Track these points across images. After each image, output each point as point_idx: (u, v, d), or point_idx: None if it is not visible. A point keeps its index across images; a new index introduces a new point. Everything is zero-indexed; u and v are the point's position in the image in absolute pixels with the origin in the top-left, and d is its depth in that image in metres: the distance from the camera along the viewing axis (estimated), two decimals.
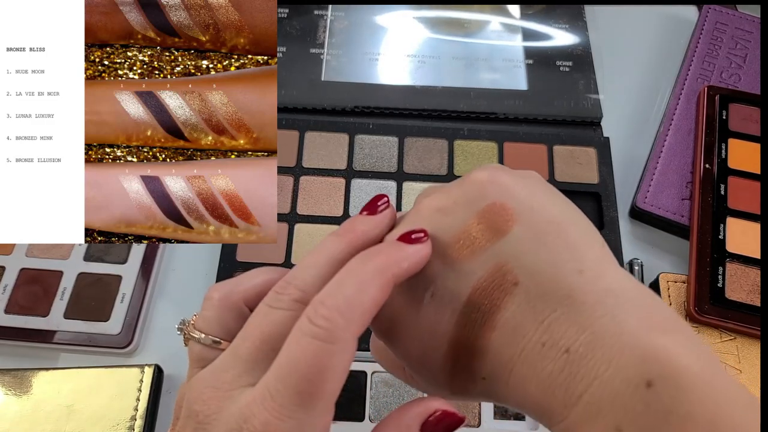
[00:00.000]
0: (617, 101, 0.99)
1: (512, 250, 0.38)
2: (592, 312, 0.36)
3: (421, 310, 0.39)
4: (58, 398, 0.74)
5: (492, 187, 0.41)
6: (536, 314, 0.37)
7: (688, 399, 0.32)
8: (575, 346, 0.35)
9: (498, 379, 0.38)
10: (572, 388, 0.35)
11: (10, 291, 0.81)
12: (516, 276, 0.37)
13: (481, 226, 0.39)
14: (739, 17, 1.04)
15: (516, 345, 0.37)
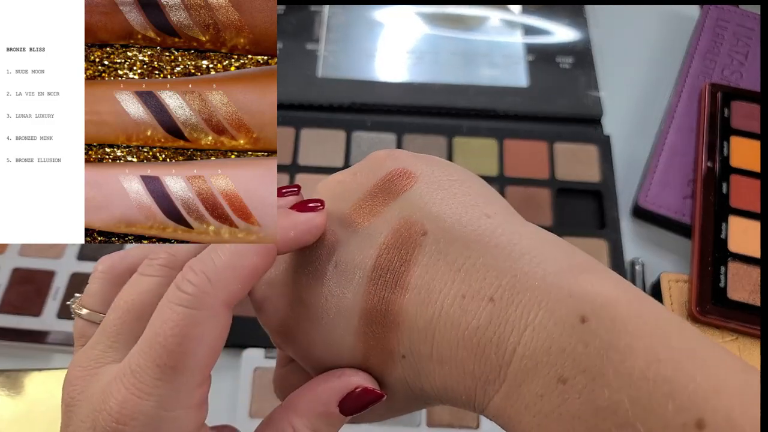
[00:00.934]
0: (618, 98, 0.99)
1: (416, 202, 0.37)
2: (509, 255, 0.35)
3: (325, 284, 0.38)
4: (52, 399, 0.73)
5: (391, 159, 0.41)
6: (450, 263, 0.35)
7: (625, 330, 0.31)
8: (499, 293, 0.34)
9: (420, 354, 0.36)
10: (504, 341, 0.33)
11: (3, 291, 0.81)
12: (423, 225, 0.36)
13: (383, 189, 0.39)
14: (741, 14, 1.03)
15: (433, 303, 0.35)
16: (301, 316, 0.39)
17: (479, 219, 0.36)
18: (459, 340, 0.34)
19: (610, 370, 0.31)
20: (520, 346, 0.33)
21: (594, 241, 0.84)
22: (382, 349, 0.37)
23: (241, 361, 0.77)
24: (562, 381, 0.32)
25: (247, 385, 0.75)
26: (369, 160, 0.42)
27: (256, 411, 0.75)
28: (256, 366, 0.76)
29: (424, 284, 0.35)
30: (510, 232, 0.36)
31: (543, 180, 0.88)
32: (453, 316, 0.34)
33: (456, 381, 0.35)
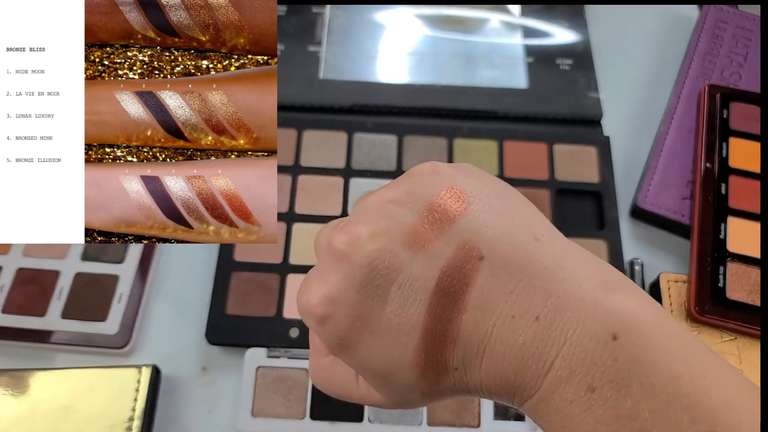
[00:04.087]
0: (618, 100, 0.99)
1: (472, 226, 0.38)
2: (554, 276, 0.37)
3: (389, 304, 0.39)
4: (56, 399, 0.73)
5: (438, 176, 0.41)
6: (503, 286, 0.37)
7: (651, 347, 0.35)
8: (544, 312, 0.36)
9: (471, 366, 0.38)
10: (544, 355, 0.36)
11: (7, 291, 0.81)
12: (480, 250, 0.38)
13: (439, 210, 0.39)
14: (740, 15, 1.03)
15: (487, 323, 0.37)
16: (364, 332, 0.40)
17: (529, 242, 0.39)
18: (506, 354, 0.37)
19: (635, 382, 0.34)
20: (558, 359, 0.36)
21: (593, 241, 0.84)
22: (438, 362, 0.39)
23: (244, 360, 0.77)
24: (590, 390, 0.35)
25: (250, 385, 0.76)
26: (417, 177, 0.42)
27: (258, 410, 0.75)
28: (258, 365, 0.77)
29: (479, 306, 0.37)
30: (555, 254, 0.39)
31: (543, 181, 0.89)
32: (503, 334, 0.37)
33: (498, 387, 0.38)
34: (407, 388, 0.41)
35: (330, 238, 0.41)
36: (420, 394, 0.41)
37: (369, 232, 0.39)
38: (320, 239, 0.45)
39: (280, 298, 0.81)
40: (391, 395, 0.43)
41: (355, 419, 0.75)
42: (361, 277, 0.39)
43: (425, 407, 0.75)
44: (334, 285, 0.40)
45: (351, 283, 0.39)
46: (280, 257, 0.83)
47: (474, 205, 0.39)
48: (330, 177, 0.89)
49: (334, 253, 0.40)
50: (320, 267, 0.42)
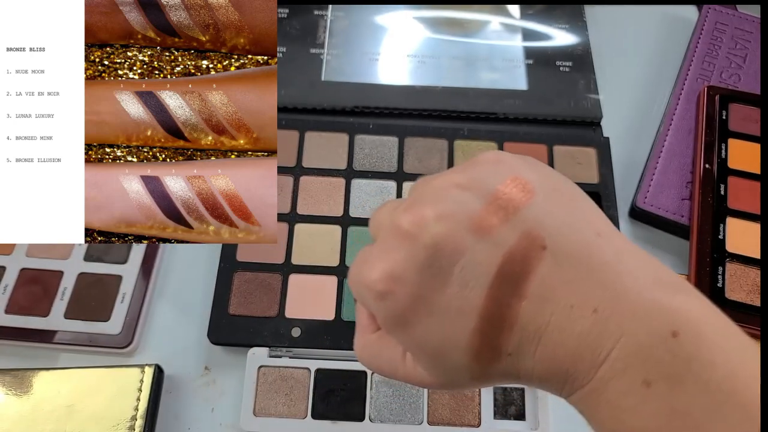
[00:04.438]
0: (617, 101, 0.99)
1: (536, 216, 0.39)
2: (614, 271, 0.38)
3: (450, 285, 0.39)
4: (59, 398, 0.74)
5: (503, 165, 0.42)
6: (563, 276, 0.38)
7: (708, 346, 0.35)
8: (602, 305, 0.37)
9: (525, 352, 0.39)
10: (600, 346, 0.37)
11: (11, 291, 0.81)
12: (543, 240, 0.38)
13: (504, 198, 0.40)
14: (739, 17, 1.04)
15: (545, 311, 0.38)
16: (423, 312, 0.41)
17: (591, 236, 0.39)
18: (562, 343, 0.38)
19: (691, 379, 0.35)
20: (614, 351, 0.36)
21: None
22: (493, 347, 0.40)
23: (246, 360, 0.77)
24: (646, 384, 0.35)
25: (252, 384, 0.76)
26: (481, 165, 0.43)
27: (260, 409, 0.75)
28: (260, 365, 0.77)
29: (539, 294, 0.38)
30: (616, 250, 0.39)
31: None
32: (560, 323, 0.38)
33: (550, 375, 0.39)
34: (458, 369, 0.42)
35: (394, 217, 0.42)
36: (469, 376, 0.42)
37: (435, 214, 0.40)
38: (381, 217, 0.45)
39: (282, 298, 0.81)
40: (440, 375, 0.44)
41: (357, 418, 0.75)
42: (426, 257, 0.40)
43: (425, 408, 0.76)
44: (398, 262, 0.41)
45: (414, 262, 0.40)
46: (282, 257, 0.84)
47: (538, 196, 0.40)
48: (332, 178, 0.89)
49: (399, 231, 0.41)
50: (382, 244, 0.43)
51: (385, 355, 0.47)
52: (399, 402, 0.76)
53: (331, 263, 0.84)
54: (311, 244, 0.85)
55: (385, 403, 0.76)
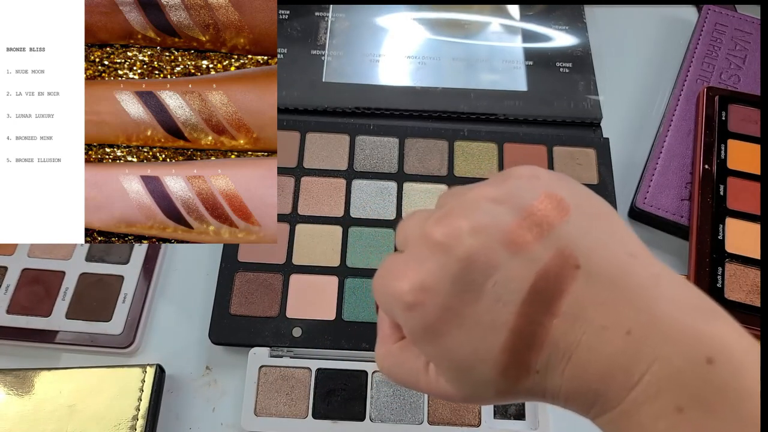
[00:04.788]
0: (617, 102, 0.99)
1: (570, 235, 0.39)
2: (649, 294, 0.37)
3: (482, 300, 0.39)
4: (60, 398, 0.74)
5: (538, 180, 0.42)
6: (596, 296, 0.37)
7: (743, 375, 0.34)
8: (636, 327, 0.36)
9: (553, 370, 0.38)
10: (633, 368, 0.36)
11: (12, 291, 0.82)
12: (576, 259, 0.38)
13: (539, 214, 0.39)
14: (739, 18, 1.04)
15: (577, 330, 0.37)
16: (452, 324, 0.40)
17: (625, 257, 0.39)
18: (592, 362, 0.37)
19: (725, 406, 0.34)
20: (648, 375, 0.36)
21: None
22: (521, 363, 0.39)
23: (247, 359, 0.77)
24: (678, 410, 0.35)
25: (253, 384, 0.76)
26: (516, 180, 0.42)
27: (261, 409, 0.75)
28: (261, 364, 0.77)
29: (571, 312, 0.38)
30: (650, 274, 0.39)
31: None
32: (592, 343, 0.37)
33: (578, 394, 0.39)
34: (484, 384, 0.41)
35: (426, 228, 0.41)
36: (495, 391, 0.41)
37: (470, 227, 0.39)
38: (410, 227, 0.45)
39: (283, 298, 0.81)
40: (464, 389, 0.43)
41: (357, 418, 0.75)
42: (458, 270, 0.39)
43: (425, 408, 0.76)
44: (429, 274, 0.40)
45: (447, 274, 0.39)
46: (283, 258, 0.84)
47: (574, 216, 0.39)
48: (333, 179, 0.90)
49: (431, 242, 0.41)
50: (412, 254, 0.42)
51: (408, 365, 0.47)
52: (399, 402, 0.76)
53: (331, 263, 0.84)
54: (312, 245, 0.85)
55: (386, 403, 0.76)
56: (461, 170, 0.90)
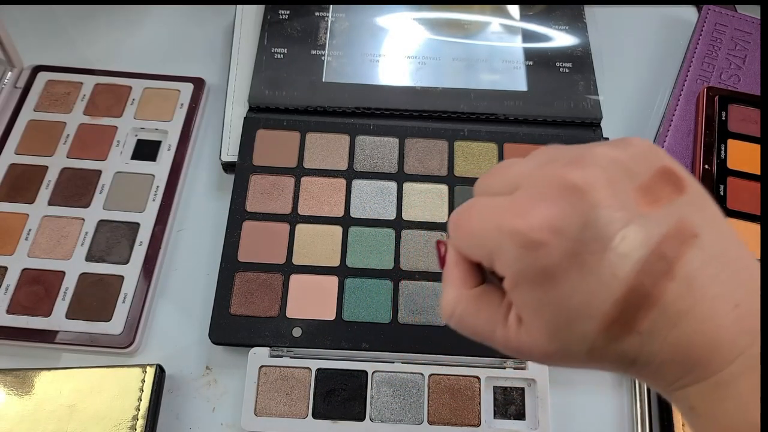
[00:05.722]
0: (617, 102, 0.99)
1: (691, 204, 0.39)
2: (754, 274, 0.38)
3: (608, 252, 0.38)
4: (60, 398, 0.74)
5: (659, 152, 0.42)
6: (710, 267, 0.38)
7: None
8: (745, 302, 0.37)
9: (656, 334, 0.39)
10: (738, 340, 0.37)
11: (12, 291, 0.82)
12: (695, 229, 0.38)
13: (667, 180, 0.40)
14: (739, 18, 1.04)
15: (689, 296, 0.38)
16: (571, 271, 0.39)
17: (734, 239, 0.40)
18: (699, 331, 0.38)
19: None
20: (753, 348, 0.37)
21: None
22: (627, 322, 0.39)
23: (247, 359, 0.77)
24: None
25: (253, 384, 0.76)
26: (638, 147, 0.42)
27: (261, 409, 0.76)
28: (261, 364, 0.77)
29: (686, 279, 0.38)
30: (753, 256, 0.39)
31: None
32: (702, 312, 0.37)
33: (675, 361, 0.39)
34: (581, 339, 0.41)
35: (563, 170, 0.40)
36: (588, 349, 0.41)
37: (606, 179, 0.39)
38: (527, 168, 0.44)
39: (283, 298, 0.82)
40: (557, 343, 0.42)
41: (357, 418, 0.76)
42: (593, 216, 0.38)
43: (425, 408, 0.76)
44: (561, 214, 0.39)
45: (580, 218, 0.39)
46: (283, 258, 0.84)
47: (691, 192, 0.40)
48: (333, 179, 0.90)
49: (568, 185, 0.40)
50: (536, 194, 0.41)
51: (484, 314, 0.46)
52: (399, 402, 0.76)
53: (331, 263, 0.84)
54: (312, 245, 0.85)
55: (386, 403, 0.76)
56: (461, 170, 0.90)
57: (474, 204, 0.45)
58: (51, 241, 0.85)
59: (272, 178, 0.89)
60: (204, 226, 0.90)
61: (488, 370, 0.78)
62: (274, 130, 0.92)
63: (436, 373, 0.77)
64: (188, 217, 0.91)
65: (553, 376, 0.77)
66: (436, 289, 0.83)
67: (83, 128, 0.94)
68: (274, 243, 0.85)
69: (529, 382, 0.77)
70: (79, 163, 0.91)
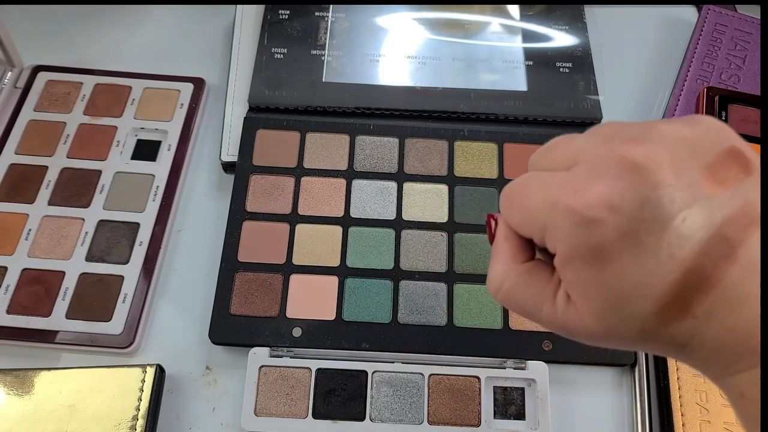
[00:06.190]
0: (617, 102, 0.99)
1: (753, 191, 0.38)
2: None
3: (668, 231, 0.38)
4: (60, 398, 0.74)
5: (729, 133, 0.41)
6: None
7: None
8: None
9: (713, 318, 0.38)
10: None
11: (12, 291, 0.82)
12: (757, 215, 0.37)
13: (732, 161, 0.39)
14: (739, 18, 1.04)
15: (750, 282, 0.37)
16: (627, 250, 0.39)
17: None
18: (756, 318, 0.37)
19: None
20: None
21: None
22: (683, 304, 0.38)
23: (247, 359, 0.77)
24: None
25: (253, 384, 0.76)
26: (706, 126, 0.41)
27: (261, 409, 0.76)
28: (261, 364, 0.77)
29: (748, 264, 0.37)
30: None
31: None
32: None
33: (729, 347, 0.38)
34: (634, 320, 0.40)
35: (624, 146, 0.39)
36: (639, 330, 0.40)
37: (669, 158, 0.38)
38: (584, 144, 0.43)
39: (283, 298, 0.82)
40: (608, 323, 0.41)
41: (357, 418, 0.76)
42: (653, 195, 0.38)
43: (425, 408, 0.76)
44: (619, 192, 0.38)
45: (639, 196, 0.38)
46: (283, 258, 0.84)
47: (755, 176, 0.39)
48: (333, 179, 0.90)
49: (629, 162, 0.39)
50: (594, 171, 0.40)
51: (533, 289, 0.46)
52: (399, 402, 0.76)
53: (331, 263, 0.84)
54: (312, 245, 0.85)
55: (386, 403, 0.76)
56: (461, 170, 0.90)
57: (529, 179, 0.45)
58: (51, 241, 0.85)
59: (272, 178, 0.89)
60: (204, 226, 0.90)
61: (488, 370, 0.78)
62: (274, 130, 0.93)
63: (436, 373, 0.77)
64: (188, 217, 0.91)
65: (553, 376, 0.77)
66: (436, 289, 0.83)
67: (83, 128, 0.94)
68: (274, 243, 0.85)
69: (529, 382, 0.77)
70: (79, 163, 0.91)
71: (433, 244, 0.85)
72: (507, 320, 0.80)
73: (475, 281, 0.83)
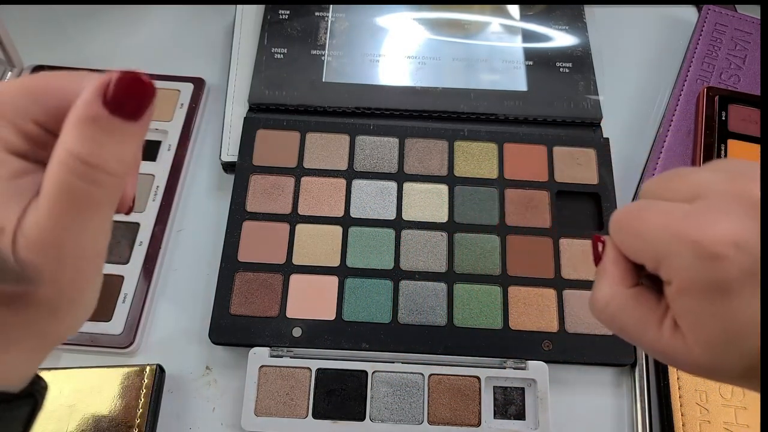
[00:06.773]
0: (617, 102, 0.99)
1: None
2: None
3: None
4: (60, 398, 0.74)
5: None
6: None
7: None
8: None
9: None
10: None
11: None
12: None
13: None
14: (739, 18, 1.04)
15: None
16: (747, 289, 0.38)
17: None
18: None
19: None
20: None
21: None
22: None
23: (248, 359, 0.77)
24: None
25: (253, 384, 0.76)
26: None
27: (261, 409, 0.76)
28: (261, 364, 0.77)
29: None
30: None
31: (542, 182, 0.89)
32: None
33: None
34: (745, 355, 0.40)
35: (751, 185, 0.40)
36: (747, 366, 0.40)
37: None
38: (711, 180, 0.42)
39: (283, 298, 0.82)
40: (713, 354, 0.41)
41: (357, 418, 0.76)
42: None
43: (425, 408, 0.76)
44: (746, 231, 0.38)
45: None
46: (283, 258, 0.84)
47: None
48: (333, 179, 0.90)
49: (752, 202, 0.39)
50: (720, 207, 0.40)
51: (638, 313, 0.45)
52: (399, 402, 0.76)
53: (331, 263, 0.84)
54: (312, 245, 0.85)
55: (386, 403, 0.76)
56: (461, 170, 0.90)
57: (645, 206, 0.44)
58: None
59: (272, 178, 0.89)
60: (204, 226, 0.90)
61: (488, 370, 0.78)
62: (274, 130, 0.92)
63: (436, 373, 0.77)
64: (188, 217, 0.91)
65: (553, 376, 0.77)
66: (436, 289, 0.83)
67: None
68: (274, 243, 0.85)
69: (529, 382, 0.77)
70: None
71: (433, 244, 0.85)
72: (507, 320, 0.81)
73: (475, 281, 0.83)
